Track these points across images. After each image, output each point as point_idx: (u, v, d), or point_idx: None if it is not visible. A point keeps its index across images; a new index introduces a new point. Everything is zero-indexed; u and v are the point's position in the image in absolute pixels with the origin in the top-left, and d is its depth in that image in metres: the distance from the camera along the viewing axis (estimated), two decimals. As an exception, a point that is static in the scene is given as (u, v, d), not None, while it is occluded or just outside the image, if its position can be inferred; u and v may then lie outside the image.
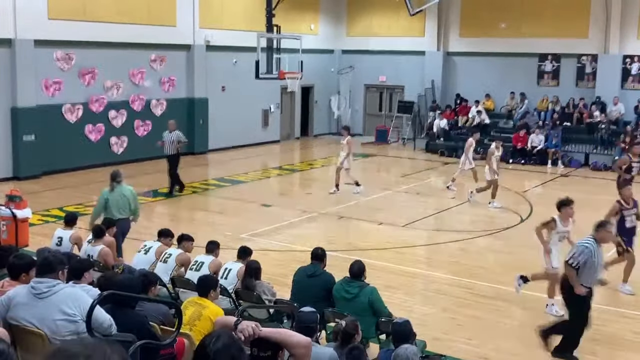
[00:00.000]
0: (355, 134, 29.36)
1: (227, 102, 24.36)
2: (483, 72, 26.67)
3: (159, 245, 9.25)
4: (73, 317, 4.77)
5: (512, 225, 14.99)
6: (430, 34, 27.67)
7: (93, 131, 20.48)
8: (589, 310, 8.39)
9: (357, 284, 7.68)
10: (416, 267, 12.02)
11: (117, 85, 20.95)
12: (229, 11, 24.11)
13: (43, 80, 18.95)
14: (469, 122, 26.03)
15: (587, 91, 25.12)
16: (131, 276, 6.57)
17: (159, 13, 21.75)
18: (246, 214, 15.61)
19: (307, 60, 22.67)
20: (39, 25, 18.46)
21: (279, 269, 10.92)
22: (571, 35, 24.79)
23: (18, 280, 5.71)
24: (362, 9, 29.07)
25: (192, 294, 7.58)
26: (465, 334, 9.00)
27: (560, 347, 8.43)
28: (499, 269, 11.85)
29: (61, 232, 9.85)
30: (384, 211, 15.93)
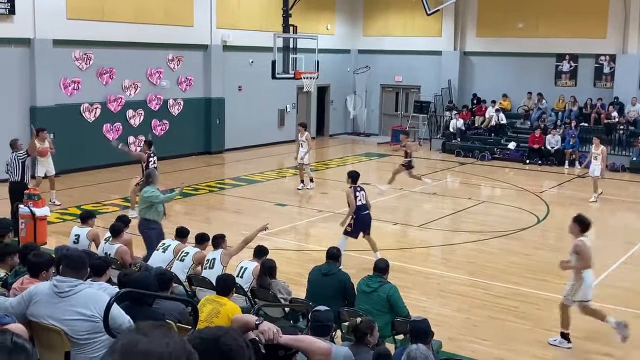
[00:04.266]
0: (371, 134, 29.44)
1: (244, 102, 24.45)
2: (500, 72, 26.55)
3: (177, 243, 9.32)
4: (92, 318, 4.82)
5: (528, 226, 14.93)
6: (447, 33, 27.59)
7: (111, 130, 20.64)
8: None
9: (378, 279, 7.79)
10: (432, 268, 12.00)
11: (134, 84, 21.10)
12: (246, 11, 24.19)
13: (61, 79, 19.12)
14: (486, 122, 25.94)
15: (605, 91, 24.94)
16: (148, 274, 6.61)
17: (177, 13, 21.88)
18: (262, 213, 15.65)
19: (323, 60, 22.70)
20: (58, 25, 18.63)
21: (295, 268, 10.96)
22: (589, 35, 24.62)
23: (38, 277, 5.77)
24: (378, 8, 29.03)
25: (208, 292, 7.63)
26: (480, 335, 8.98)
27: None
28: (515, 270, 11.81)
29: (78, 229, 9.95)
30: (399, 211, 15.92)
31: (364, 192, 11.65)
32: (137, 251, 10.51)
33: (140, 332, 1.93)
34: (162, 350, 1.88)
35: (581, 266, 8.68)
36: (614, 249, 13.49)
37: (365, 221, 11.60)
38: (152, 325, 2.01)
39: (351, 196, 11.47)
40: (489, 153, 24.17)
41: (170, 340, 1.92)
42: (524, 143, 23.93)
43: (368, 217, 11.63)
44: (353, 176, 11.83)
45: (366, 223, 11.61)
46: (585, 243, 8.70)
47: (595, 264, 12.32)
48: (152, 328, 1.96)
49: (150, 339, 1.90)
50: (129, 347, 1.89)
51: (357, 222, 11.52)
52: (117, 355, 1.88)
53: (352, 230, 11.61)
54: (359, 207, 11.45)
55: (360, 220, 11.53)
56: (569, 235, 14.69)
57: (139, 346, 1.88)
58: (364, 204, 11.52)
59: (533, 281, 11.19)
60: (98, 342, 4.87)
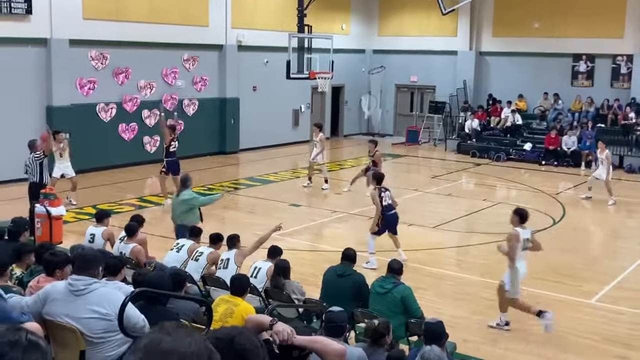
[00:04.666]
0: (386, 135, 29.37)
1: (258, 102, 24.48)
2: (516, 72, 26.41)
3: (191, 243, 9.35)
4: (107, 317, 4.84)
5: (544, 228, 14.82)
6: (463, 33, 27.48)
7: (126, 130, 20.74)
8: None
9: (393, 280, 7.79)
10: (446, 269, 11.95)
11: (150, 84, 21.19)
12: (261, 11, 24.23)
13: (78, 79, 19.24)
14: (502, 123, 25.81)
15: (622, 92, 24.73)
16: (162, 273, 6.63)
17: (192, 13, 21.95)
18: (276, 213, 15.66)
19: (338, 60, 22.68)
20: (74, 25, 18.74)
21: (308, 269, 10.96)
22: (606, 35, 24.42)
23: (53, 276, 5.81)
24: (393, 8, 28.97)
25: (222, 292, 7.64)
26: (495, 337, 8.93)
27: None
28: (530, 272, 11.70)
29: (93, 229, 10.00)
30: (414, 212, 15.86)
31: (389, 193, 11.87)
32: (152, 251, 10.55)
33: (164, 332, 1.95)
34: (185, 350, 1.89)
35: (509, 254, 9.05)
36: (631, 251, 13.38)
37: (391, 221, 11.85)
38: (176, 325, 2.04)
39: (376, 198, 11.64)
40: (505, 154, 24.04)
41: (193, 340, 1.94)
42: (539, 144, 23.77)
43: (394, 217, 11.88)
44: (378, 178, 12.05)
45: (392, 222, 11.88)
46: (517, 233, 9.02)
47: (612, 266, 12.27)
48: (176, 328, 1.98)
49: (174, 338, 1.91)
50: (152, 345, 1.91)
51: (384, 222, 11.77)
52: (141, 353, 1.90)
53: (379, 230, 11.86)
54: (385, 208, 11.68)
55: (386, 220, 11.79)
56: (585, 237, 14.67)
57: (162, 345, 1.90)
58: (389, 204, 11.76)
59: (547, 283, 11.12)
60: (113, 341, 4.88)
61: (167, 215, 13.67)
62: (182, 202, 10.79)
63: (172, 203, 11.16)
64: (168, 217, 12.77)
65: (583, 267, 12.14)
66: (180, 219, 10.72)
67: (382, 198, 11.64)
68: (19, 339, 2.05)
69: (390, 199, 11.79)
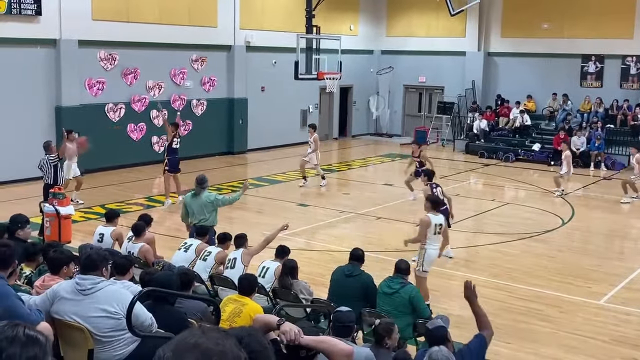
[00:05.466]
0: (394, 135, 29.34)
1: (267, 103, 24.50)
2: (525, 73, 26.33)
3: (199, 243, 9.35)
4: (115, 315, 4.85)
5: (553, 228, 14.78)
6: (471, 34, 27.42)
7: (135, 130, 20.80)
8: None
9: (400, 280, 7.77)
10: (454, 270, 11.92)
11: (158, 85, 21.24)
12: (269, 12, 24.25)
13: (87, 79, 19.31)
14: (510, 123, 25.74)
15: (631, 93, 24.62)
16: (170, 273, 6.64)
17: (200, 14, 21.99)
18: (284, 213, 15.66)
19: (346, 60, 22.67)
20: (83, 26, 18.81)
21: (316, 269, 10.95)
22: (615, 36, 24.31)
23: (58, 274, 5.82)
24: (401, 9, 28.94)
25: (230, 291, 7.65)
26: (504, 338, 8.89)
27: None
28: (539, 272, 11.70)
29: (102, 228, 10.02)
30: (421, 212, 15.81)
31: (440, 189, 12.05)
32: (160, 250, 10.57)
33: (199, 330, 2.02)
34: (212, 347, 1.94)
35: (417, 239, 9.83)
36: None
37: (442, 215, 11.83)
38: (215, 328, 2.12)
39: (429, 193, 11.77)
40: (513, 154, 23.98)
41: (222, 340, 1.99)
42: (548, 144, 23.69)
43: (444, 212, 11.79)
44: (428, 174, 12.36)
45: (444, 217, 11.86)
46: (428, 219, 9.76)
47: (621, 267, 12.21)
48: (213, 330, 2.05)
49: (206, 336, 1.98)
50: (182, 338, 1.98)
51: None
52: (173, 344, 1.97)
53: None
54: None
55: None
56: (594, 238, 14.61)
57: (190, 339, 1.96)
58: (441, 199, 11.82)
59: (557, 284, 11.08)
60: (121, 340, 4.90)
61: (175, 214, 13.71)
62: (205, 203, 10.62)
63: (187, 203, 10.94)
64: (176, 217, 12.81)
65: (592, 268, 12.09)
66: (201, 220, 10.58)
67: (434, 194, 11.82)
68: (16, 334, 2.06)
69: (442, 195, 11.96)
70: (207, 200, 10.62)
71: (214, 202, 10.64)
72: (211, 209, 10.64)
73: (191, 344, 1.94)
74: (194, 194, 10.76)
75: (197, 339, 1.96)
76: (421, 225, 9.88)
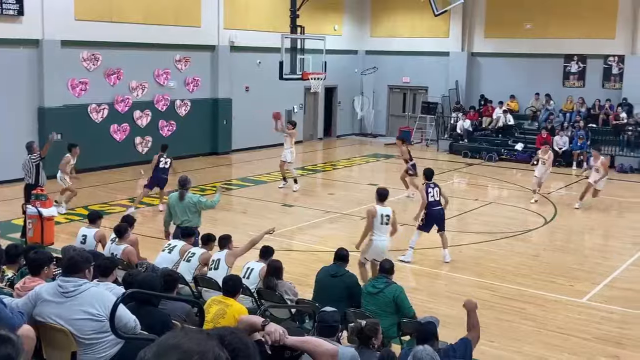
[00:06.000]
0: (378, 135, 29.40)
1: (251, 103, 24.46)
2: (508, 73, 26.48)
3: (183, 244, 9.32)
4: (98, 317, 4.83)
5: (536, 227, 14.88)
6: (455, 34, 27.54)
7: (118, 131, 20.70)
8: None
9: (385, 279, 7.79)
10: (439, 269, 11.97)
11: (142, 85, 21.15)
12: (254, 12, 24.21)
13: (69, 80, 19.19)
14: (493, 123, 25.88)
15: (613, 92, 24.83)
16: (153, 274, 6.62)
17: (184, 14, 21.92)
18: (269, 213, 15.67)
19: (330, 60, 22.68)
20: (66, 26, 18.69)
21: (301, 269, 10.96)
22: (597, 36, 24.52)
23: (39, 275, 5.78)
24: (386, 9, 29.01)
25: (214, 293, 7.63)
26: (487, 336, 8.93)
27: None
28: (522, 271, 11.78)
29: (85, 230, 9.97)
30: (406, 212, 15.87)
31: (437, 189, 12.13)
32: (145, 252, 10.53)
33: (182, 331, 2.04)
34: (193, 348, 1.95)
35: (365, 231, 10.25)
36: (622, 251, 13.45)
37: (436, 216, 12.05)
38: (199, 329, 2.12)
39: (423, 192, 12.04)
40: (496, 154, 24.11)
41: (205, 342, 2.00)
42: (531, 144, 23.84)
43: (438, 212, 12.09)
44: (427, 173, 12.41)
45: (437, 218, 12.09)
46: (374, 209, 10.13)
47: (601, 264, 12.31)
48: (195, 331, 2.06)
49: (188, 337, 1.99)
50: (164, 339, 2.00)
51: (428, 217, 12.04)
52: (154, 346, 1.99)
53: (423, 225, 12.13)
54: (431, 203, 11.96)
55: (431, 215, 12.02)
56: (576, 237, 14.73)
57: (171, 340, 1.98)
58: (437, 200, 12.04)
59: (540, 282, 11.16)
60: (104, 342, 4.88)
61: (159, 216, 13.68)
62: (188, 205, 10.59)
63: (170, 204, 10.88)
64: (159, 218, 12.77)
65: (575, 267, 12.19)
66: (184, 222, 10.53)
67: (430, 193, 11.97)
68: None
69: (439, 196, 12.06)
70: (190, 202, 10.58)
71: (197, 204, 10.61)
72: (194, 211, 10.60)
73: (172, 345, 1.95)
74: (178, 195, 10.72)
75: (178, 340, 1.96)
76: (367, 215, 10.23)
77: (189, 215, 10.57)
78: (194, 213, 10.62)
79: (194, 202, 10.58)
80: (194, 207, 10.60)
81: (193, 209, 10.59)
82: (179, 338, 1.98)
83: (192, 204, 10.58)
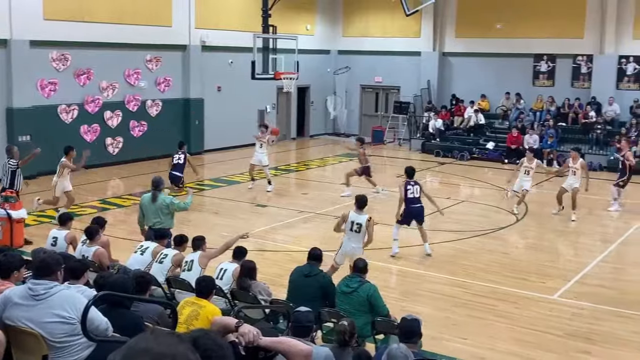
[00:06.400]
0: (351, 135, 29.44)
1: (223, 103, 24.36)
2: (479, 73, 26.71)
3: (156, 245, 9.24)
4: (69, 320, 4.77)
5: (507, 225, 15.03)
6: (426, 34, 27.70)
7: (88, 132, 20.47)
8: None
9: (358, 279, 7.80)
10: (411, 267, 12.03)
11: (112, 85, 20.94)
12: (225, 11, 24.11)
13: (38, 80, 18.94)
14: (465, 122, 26.08)
15: (582, 91, 25.17)
16: (125, 276, 6.56)
17: (155, 13, 21.75)
18: (242, 214, 15.62)
19: (303, 60, 22.66)
20: (35, 26, 18.44)
21: (275, 269, 10.93)
22: (567, 36, 24.84)
23: (9, 279, 5.68)
24: (358, 9, 29.09)
25: (187, 294, 7.58)
26: (460, 334, 9.02)
27: None
28: (494, 269, 11.89)
29: (56, 232, 9.85)
30: (379, 211, 15.92)
31: (417, 187, 12.38)
32: (117, 253, 10.43)
33: (152, 334, 2.00)
34: (163, 351, 1.92)
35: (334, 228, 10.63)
36: (592, 247, 13.63)
37: (413, 212, 12.34)
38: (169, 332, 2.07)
39: (401, 189, 12.34)
40: (468, 153, 24.31)
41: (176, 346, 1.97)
42: (502, 143, 24.10)
43: (417, 209, 12.38)
44: (408, 171, 12.68)
45: (416, 215, 12.39)
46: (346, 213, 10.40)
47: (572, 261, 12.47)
48: (165, 334, 2.02)
49: (157, 341, 1.95)
50: (133, 343, 1.96)
51: (406, 213, 12.35)
52: (123, 350, 1.96)
53: (402, 220, 12.46)
54: (410, 200, 12.24)
55: (409, 211, 12.33)
56: (547, 234, 14.89)
57: (140, 344, 1.95)
58: (416, 197, 12.30)
59: (512, 280, 11.27)
60: (75, 345, 4.82)
61: (131, 217, 13.55)
62: (161, 207, 10.50)
63: (142, 205, 10.78)
64: (132, 219, 12.67)
65: (546, 264, 12.33)
66: (156, 223, 10.43)
67: (409, 190, 12.20)
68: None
69: (418, 193, 12.29)
70: (162, 204, 10.50)
71: (169, 206, 10.53)
72: (167, 213, 10.52)
73: (142, 349, 1.92)
74: (150, 197, 10.63)
75: (147, 343, 1.93)
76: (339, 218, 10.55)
77: (161, 217, 10.50)
78: (167, 215, 10.55)
79: (166, 204, 10.51)
80: (167, 208, 10.52)
81: (165, 211, 10.52)
82: (149, 341, 1.95)
83: (164, 206, 10.50)
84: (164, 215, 10.51)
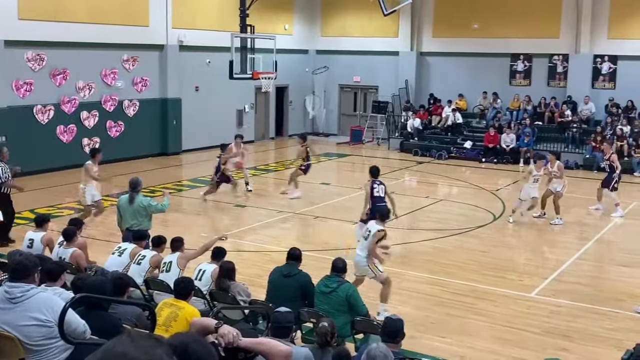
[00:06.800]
0: (330, 134, 29.50)
1: (201, 103, 24.25)
2: (456, 72, 26.86)
3: (134, 247, 9.18)
4: (47, 323, 4.72)
5: (485, 224, 15.13)
6: (404, 34, 27.81)
7: (65, 132, 20.28)
8: None
9: (337, 279, 7.81)
10: (390, 266, 12.04)
11: (89, 85, 20.76)
12: (202, 11, 24.01)
13: (14, 81, 18.72)
14: (442, 122, 26.22)
15: (558, 90, 25.42)
16: (103, 278, 6.50)
17: (132, 13, 21.59)
18: (221, 214, 15.56)
19: (281, 60, 22.66)
20: (10, 26, 18.23)
21: (254, 270, 10.91)
22: (543, 35, 25.08)
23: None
24: (336, 9, 29.12)
25: (166, 295, 7.54)
26: (439, 332, 9.06)
27: None
28: (473, 267, 11.96)
29: (32, 234, 9.74)
30: (358, 211, 15.95)
31: (383, 187, 12.41)
32: (95, 255, 10.35)
33: (129, 337, 1.95)
34: (137, 356, 1.88)
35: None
36: (569, 245, 13.76)
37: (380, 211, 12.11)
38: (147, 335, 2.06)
39: (367, 188, 12.35)
40: (446, 152, 24.44)
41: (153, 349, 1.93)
42: (479, 142, 24.26)
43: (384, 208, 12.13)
44: (372, 171, 12.70)
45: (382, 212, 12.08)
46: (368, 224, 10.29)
47: (549, 259, 12.58)
48: (143, 337, 1.97)
49: (134, 345, 1.91)
50: (109, 347, 1.92)
51: (372, 212, 12.15)
52: (99, 353, 1.91)
53: (367, 219, 12.20)
54: (377, 199, 12.23)
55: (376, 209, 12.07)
56: (525, 232, 15.01)
57: (117, 348, 1.90)
58: (381, 196, 12.31)
59: (490, 278, 11.34)
60: (53, 348, 4.77)
61: (109, 218, 13.45)
62: (138, 209, 10.43)
63: (120, 207, 10.70)
64: (110, 220, 12.57)
65: (524, 262, 12.43)
66: (133, 225, 10.37)
67: (375, 189, 12.23)
68: None
69: (384, 193, 12.32)
70: (140, 206, 10.43)
71: (147, 208, 10.46)
72: (144, 215, 10.46)
73: (118, 353, 1.89)
74: (128, 198, 10.56)
75: (124, 347, 1.90)
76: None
77: (138, 219, 10.43)
78: (144, 217, 10.48)
79: (144, 206, 10.44)
80: (144, 210, 10.45)
81: (143, 213, 10.45)
82: (125, 346, 1.91)
83: (142, 208, 10.43)
84: (142, 217, 10.45)
